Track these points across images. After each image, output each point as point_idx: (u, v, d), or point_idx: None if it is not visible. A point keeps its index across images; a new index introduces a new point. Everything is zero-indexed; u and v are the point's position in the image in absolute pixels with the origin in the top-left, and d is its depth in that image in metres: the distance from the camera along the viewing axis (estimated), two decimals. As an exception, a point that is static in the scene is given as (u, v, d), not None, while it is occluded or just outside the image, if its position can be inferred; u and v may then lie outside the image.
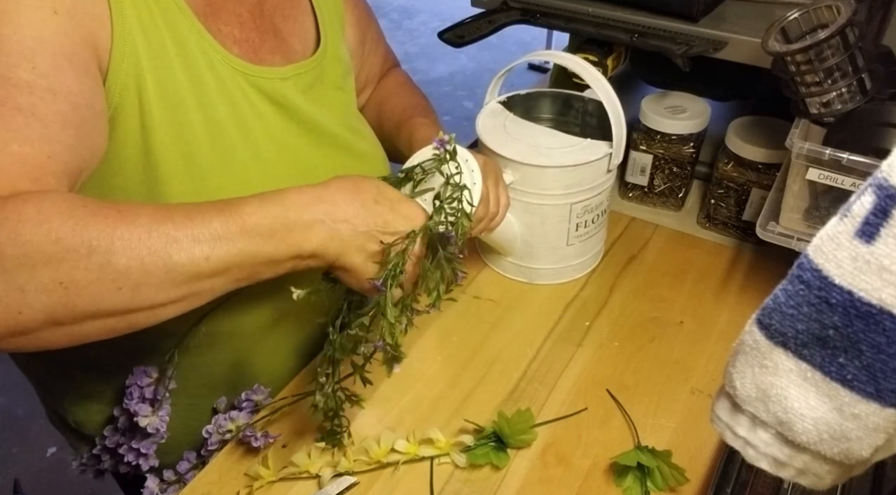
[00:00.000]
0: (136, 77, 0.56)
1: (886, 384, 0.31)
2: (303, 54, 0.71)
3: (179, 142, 0.60)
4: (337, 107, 0.74)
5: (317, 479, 0.65)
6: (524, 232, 0.79)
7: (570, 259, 0.83)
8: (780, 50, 0.71)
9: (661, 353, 0.79)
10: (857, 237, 0.30)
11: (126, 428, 0.71)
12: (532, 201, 0.76)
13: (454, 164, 0.59)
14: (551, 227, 0.78)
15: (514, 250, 0.82)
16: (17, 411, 1.89)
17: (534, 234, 0.79)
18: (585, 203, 0.76)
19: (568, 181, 0.74)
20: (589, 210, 0.78)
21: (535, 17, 0.94)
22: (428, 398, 0.74)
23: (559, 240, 0.79)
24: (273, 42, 0.68)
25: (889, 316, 0.30)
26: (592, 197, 0.77)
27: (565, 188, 0.75)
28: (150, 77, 0.57)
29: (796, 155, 0.70)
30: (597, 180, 0.76)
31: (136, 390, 0.67)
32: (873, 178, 0.30)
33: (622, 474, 0.65)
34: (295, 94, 0.68)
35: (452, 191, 0.58)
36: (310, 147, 0.70)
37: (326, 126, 0.71)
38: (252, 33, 0.66)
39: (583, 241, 0.81)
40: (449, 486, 0.66)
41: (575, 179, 0.74)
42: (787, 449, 0.37)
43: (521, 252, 0.82)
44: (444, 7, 3.82)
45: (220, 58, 0.62)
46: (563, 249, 0.81)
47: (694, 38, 0.85)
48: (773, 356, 0.34)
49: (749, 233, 0.90)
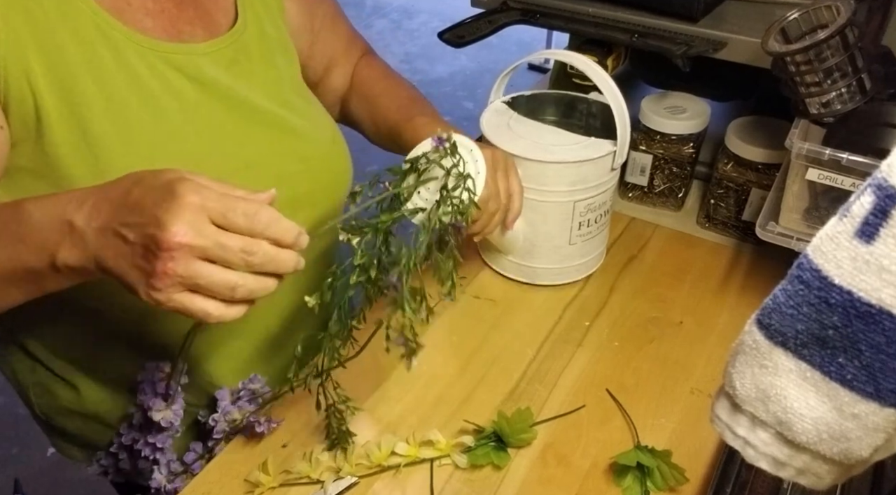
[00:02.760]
0: (22, 61, 0.54)
1: (886, 384, 0.31)
2: (227, 28, 0.69)
3: (76, 121, 0.57)
4: (268, 82, 0.71)
5: (317, 484, 0.65)
6: (526, 230, 0.79)
7: (572, 259, 0.83)
8: (779, 50, 0.71)
9: (660, 353, 0.79)
10: (857, 237, 0.30)
11: (141, 424, 0.71)
12: (535, 198, 0.76)
13: (456, 157, 0.59)
14: (554, 225, 0.78)
15: (516, 248, 0.82)
16: (17, 411, 1.89)
17: (536, 232, 0.79)
18: (589, 201, 0.77)
19: (571, 178, 0.74)
20: (592, 209, 0.78)
21: (534, 18, 0.94)
22: (428, 398, 0.74)
23: (562, 239, 0.80)
24: (192, 13, 0.66)
25: (888, 316, 0.30)
26: (596, 195, 0.77)
27: (569, 185, 0.75)
28: (38, 60, 0.55)
29: (796, 155, 0.70)
30: (600, 178, 0.77)
31: (148, 385, 0.67)
32: (873, 178, 0.30)
33: (622, 474, 0.65)
34: (217, 70, 0.65)
35: (456, 181, 0.57)
36: (236, 124, 0.67)
37: (255, 102, 0.68)
38: (168, 3, 0.64)
39: (585, 241, 0.81)
40: (449, 486, 0.66)
41: (578, 176, 0.74)
42: (786, 449, 0.37)
43: (522, 251, 0.82)
44: (444, 7, 3.82)
45: (121, 35, 0.59)
46: (565, 248, 0.81)
47: (694, 39, 0.85)
48: (772, 356, 0.35)
49: (749, 233, 0.90)
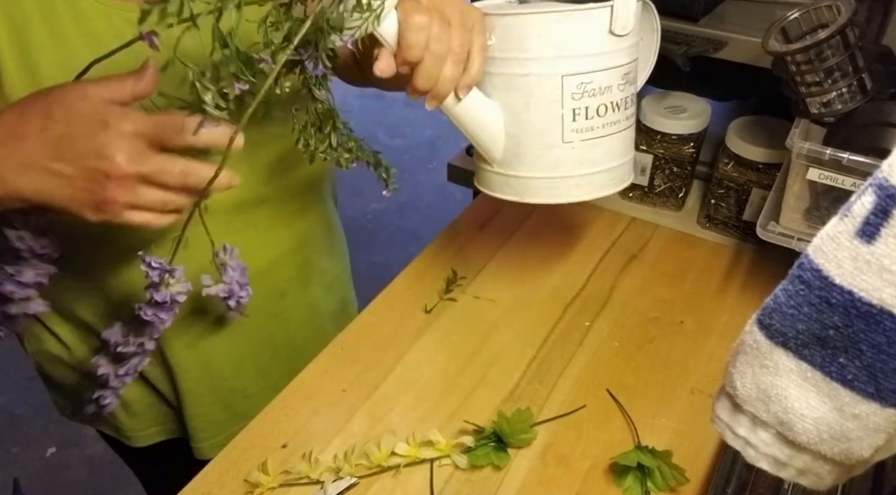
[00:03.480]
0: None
1: (887, 384, 0.31)
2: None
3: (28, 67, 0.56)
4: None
5: (317, 485, 0.65)
6: (508, 120, 0.63)
7: (569, 167, 0.63)
8: (780, 50, 0.71)
9: (661, 353, 0.79)
10: (858, 237, 0.30)
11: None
12: (514, 71, 0.60)
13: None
14: (539, 111, 0.61)
15: (497, 147, 0.65)
16: (17, 411, 1.89)
17: (519, 123, 0.62)
18: (582, 77, 0.59)
19: (556, 39, 0.58)
20: (589, 92, 0.60)
21: (535, 17, 0.94)
22: (428, 398, 0.74)
23: (552, 134, 0.62)
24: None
25: (889, 316, 0.30)
26: (591, 71, 0.59)
27: (554, 49, 0.58)
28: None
29: (796, 155, 0.70)
30: (598, 46, 0.59)
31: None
32: (873, 178, 0.30)
33: (622, 474, 0.65)
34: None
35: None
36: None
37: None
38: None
39: (585, 143, 0.62)
40: (449, 486, 0.66)
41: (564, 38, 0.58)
42: (787, 450, 0.37)
43: (507, 154, 0.65)
44: (444, 7, 3.83)
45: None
46: (557, 148, 0.62)
47: (694, 38, 0.85)
48: (773, 356, 0.34)
49: (749, 233, 0.90)
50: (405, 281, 0.89)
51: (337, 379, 0.76)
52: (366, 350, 0.80)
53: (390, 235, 2.34)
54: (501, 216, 1.00)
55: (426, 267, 0.91)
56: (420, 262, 0.92)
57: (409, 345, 0.80)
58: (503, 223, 0.99)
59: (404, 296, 0.87)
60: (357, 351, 0.80)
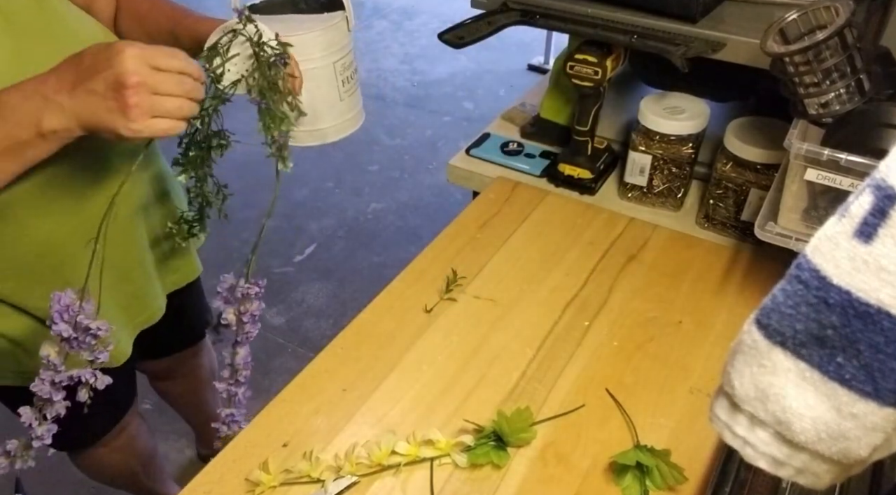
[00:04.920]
0: None
1: (884, 383, 0.32)
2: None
3: None
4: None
5: (318, 484, 0.66)
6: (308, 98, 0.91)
7: (347, 112, 0.95)
8: (778, 51, 0.71)
9: (660, 353, 0.79)
10: (856, 237, 0.30)
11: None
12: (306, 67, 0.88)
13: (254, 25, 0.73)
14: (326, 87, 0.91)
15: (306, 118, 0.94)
16: (17, 411, 1.89)
17: (314, 98, 0.91)
18: (343, 61, 0.90)
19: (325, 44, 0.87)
20: (346, 67, 0.91)
21: (534, 19, 0.95)
22: (428, 398, 0.74)
23: (334, 97, 0.92)
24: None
25: (887, 315, 0.30)
26: (345, 55, 0.90)
27: (323, 49, 0.87)
28: None
29: (795, 155, 0.70)
30: (343, 39, 0.89)
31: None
32: (871, 179, 0.30)
33: (621, 473, 0.65)
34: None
35: (261, 38, 0.73)
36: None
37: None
38: None
39: (350, 96, 0.95)
40: (449, 485, 0.66)
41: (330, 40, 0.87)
42: (785, 449, 0.37)
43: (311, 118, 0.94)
44: (444, 8, 3.82)
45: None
46: (338, 105, 0.93)
47: (693, 39, 0.85)
48: (771, 355, 0.35)
49: (748, 233, 0.91)
50: (405, 281, 0.90)
51: (337, 378, 0.76)
52: (366, 349, 0.80)
53: (390, 235, 2.34)
54: (501, 216, 1.00)
55: (426, 267, 0.92)
56: (420, 262, 0.93)
57: (409, 345, 0.80)
58: (503, 223, 0.99)
59: (404, 295, 0.87)
60: (357, 350, 0.80)
